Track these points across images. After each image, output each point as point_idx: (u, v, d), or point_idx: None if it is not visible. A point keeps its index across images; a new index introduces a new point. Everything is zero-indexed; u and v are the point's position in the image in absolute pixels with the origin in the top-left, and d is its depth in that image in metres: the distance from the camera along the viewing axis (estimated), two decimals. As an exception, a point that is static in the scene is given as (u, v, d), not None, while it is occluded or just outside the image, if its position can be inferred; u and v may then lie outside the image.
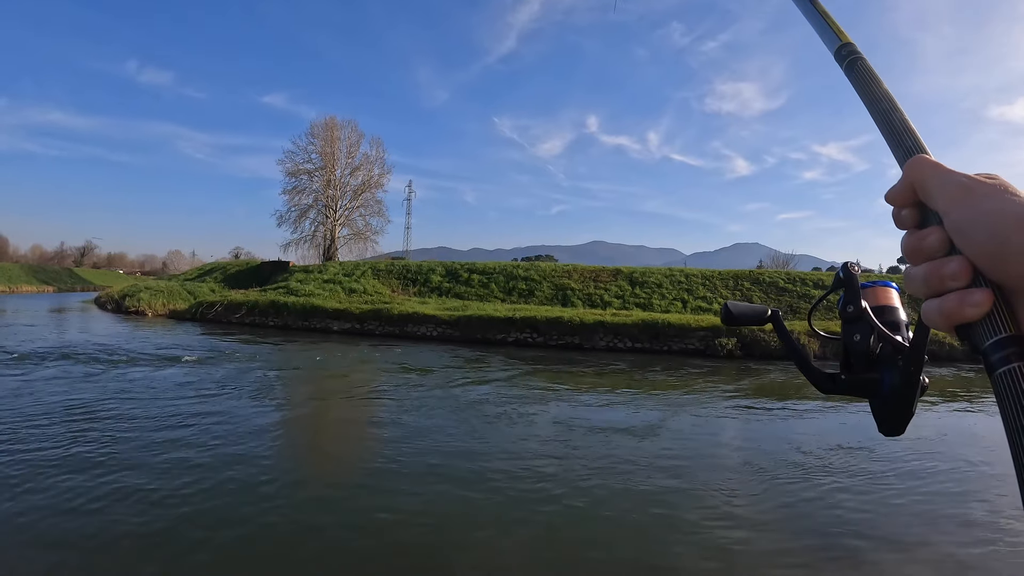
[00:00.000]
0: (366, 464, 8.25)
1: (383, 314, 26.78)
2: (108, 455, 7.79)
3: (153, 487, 6.71)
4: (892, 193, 0.52)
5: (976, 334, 0.44)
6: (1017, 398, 0.40)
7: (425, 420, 10.55)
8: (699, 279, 30.86)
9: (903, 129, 0.56)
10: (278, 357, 18.82)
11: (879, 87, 0.62)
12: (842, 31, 0.71)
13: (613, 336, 22.94)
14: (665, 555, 5.62)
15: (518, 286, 31.93)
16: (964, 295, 0.44)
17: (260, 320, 29.06)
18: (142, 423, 9.56)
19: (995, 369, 0.42)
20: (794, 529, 6.27)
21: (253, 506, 6.35)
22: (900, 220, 0.52)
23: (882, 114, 0.59)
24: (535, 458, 8.37)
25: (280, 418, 10.93)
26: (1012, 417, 0.40)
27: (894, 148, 0.56)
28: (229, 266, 47.12)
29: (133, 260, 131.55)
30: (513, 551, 5.66)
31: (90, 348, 18.32)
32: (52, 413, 9.92)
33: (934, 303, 0.46)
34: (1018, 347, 0.42)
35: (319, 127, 49.70)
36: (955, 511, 6.78)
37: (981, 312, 0.43)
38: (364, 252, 50.29)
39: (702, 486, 7.52)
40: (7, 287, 67.52)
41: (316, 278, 35.08)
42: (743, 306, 0.81)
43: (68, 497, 6.34)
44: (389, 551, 5.54)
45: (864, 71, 0.65)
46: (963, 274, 0.45)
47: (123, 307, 33.88)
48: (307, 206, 49.56)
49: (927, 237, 0.48)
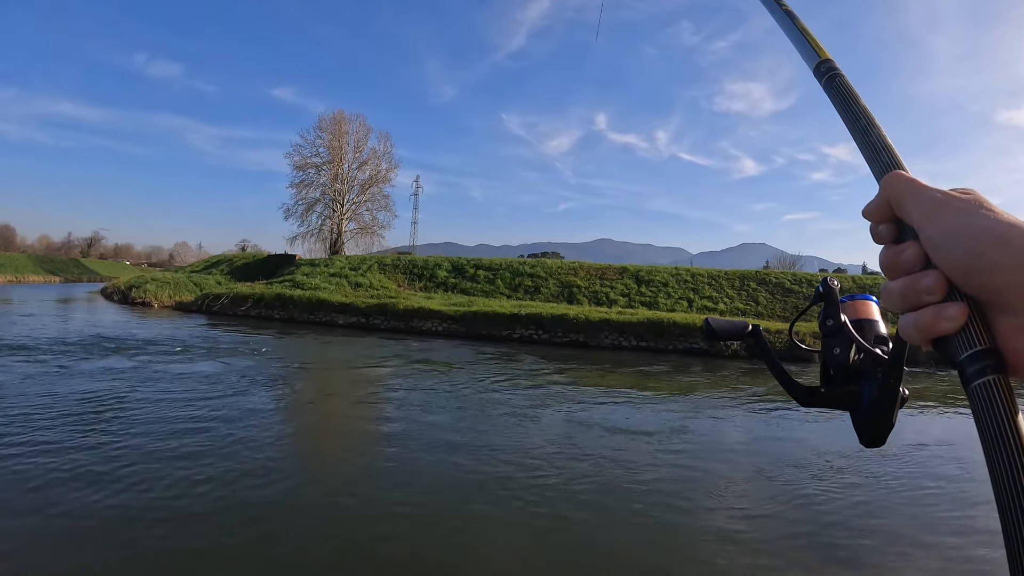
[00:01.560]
0: (366, 462, 8.23)
1: (389, 309, 26.82)
2: (107, 447, 7.82)
3: (151, 481, 6.71)
4: (869, 209, 0.53)
5: (952, 347, 0.45)
6: (992, 410, 0.41)
7: (427, 417, 10.55)
8: (705, 279, 30.79)
9: (880, 145, 0.57)
10: (283, 350, 18.86)
11: (857, 103, 0.63)
12: (821, 48, 0.72)
13: (618, 334, 22.92)
14: (665, 555, 5.61)
15: (524, 283, 31.92)
16: (939, 309, 0.45)
17: (266, 313, 29.13)
18: (144, 416, 9.59)
19: (971, 381, 0.43)
20: (795, 531, 6.23)
21: (250, 503, 6.35)
22: (877, 235, 0.52)
23: (860, 131, 0.60)
24: (537, 458, 8.36)
25: (281, 413, 10.97)
26: (987, 429, 0.41)
27: (871, 164, 0.56)
28: (235, 259, 47.25)
29: (140, 251, 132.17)
30: (512, 552, 5.66)
31: (95, 338, 18.41)
32: (53, 404, 9.97)
33: (910, 317, 0.47)
34: (993, 359, 0.43)
35: (327, 121, 49.82)
36: (956, 514, 6.75)
37: (956, 326, 0.44)
38: (371, 246, 50.43)
39: (703, 487, 7.51)
40: (14, 277, 67.91)
41: (322, 272, 35.18)
42: (724, 322, 0.82)
43: (67, 489, 6.35)
44: (388, 552, 5.53)
45: (843, 87, 0.66)
46: (938, 288, 0.45)
47: (129, 298, 34.02)
48: (314, 200, 49.70)
49: (903, 252, 0.49)
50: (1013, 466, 0.39)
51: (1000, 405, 0.41)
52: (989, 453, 0.40)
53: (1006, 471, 0.39)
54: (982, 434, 0.41)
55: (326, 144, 49.13)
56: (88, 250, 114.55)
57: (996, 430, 0.40)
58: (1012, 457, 0.39)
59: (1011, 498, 0.38)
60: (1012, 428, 0.40)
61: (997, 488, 0.39)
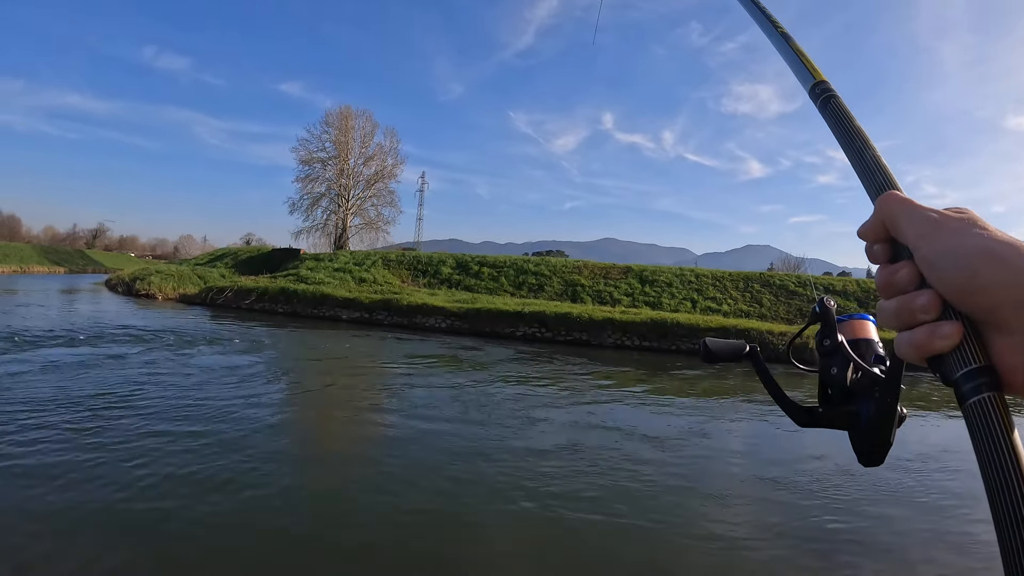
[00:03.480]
0: (366, 460, 8.23)
1: (392, 304, 26.80)
2: (103, 439, 7.81)
3: (148, 476, 6.70)
4: (864, 229, 0.53)
5: (947, 366, 0.45)
6: (988, 427, 0.41)
7: (429, 414, 10.52)
8: (709, 279, 30.69)
9: (875, 166, 0.57)
10: (286, 344, 18.88)
11: (852, 124, 0.64)
12: (816, 69, 0.73)
13: (622, 334, 22.88)
14: (663, 560, 5.57)
15: (528, 280, 31.88)
16: (934, 328, 0.45)
17: (269, 307, 29.13)
18: (144, 407, 9.59)
19: (966, 399, 0.43)
20: (794, 540, 6.17)
21: (250, 503, 6.34)
22: (872, 255, 0.53)
23: (855, 152, 0.60)
24: (538, 457, 8.34)
25: (282, 408, 10.97)
26: (983, 446, 0.41)
27: (866, 184, 0.57)
28: (240, 252, 47.30)
29: (145, 243, 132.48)
30: (513, 553, 5.64)
31: (98, 329, 18.43)
32: (54, 396, 9.98)
33: (905, 336, 0.48)
34: (988, 377, 0.43)
35: (334, 116, 49.88)
36: (958, 528, 6.67)
37: (951, 344, 0.44)
38: (375, 242, 50.52)
39: (703, 491, 7.47)
40: (19, 267, 68.09)
41: (327, 266, 35.17)
42: (721, 343, 0.84)
43: (65, 482, 6.34)
44: (388, 552, 5.51)
45: (838, 109, 0.66)
46: (933, 307, 0.46)
47: (133, 290, 34.06)
48: (320, 194, 49.76)
49: (898, 272, 0.49)
50: (1009, 483, 0.39)
51: (996, 423, 0.41)
52: (985, 470, 0.41)
53: (1002, 488, 0.39)
54: (978, 451, 0.41)
55: (332, 139, 49.22)
56: (93, 241, 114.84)
57: (992, 448, 0.41)
58: (1008, 474, 0.39)
59: (1007, 515, 0.38)
60: (1008, 445, 0.40)
61: (993, 505, 0.39)
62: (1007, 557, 0.37)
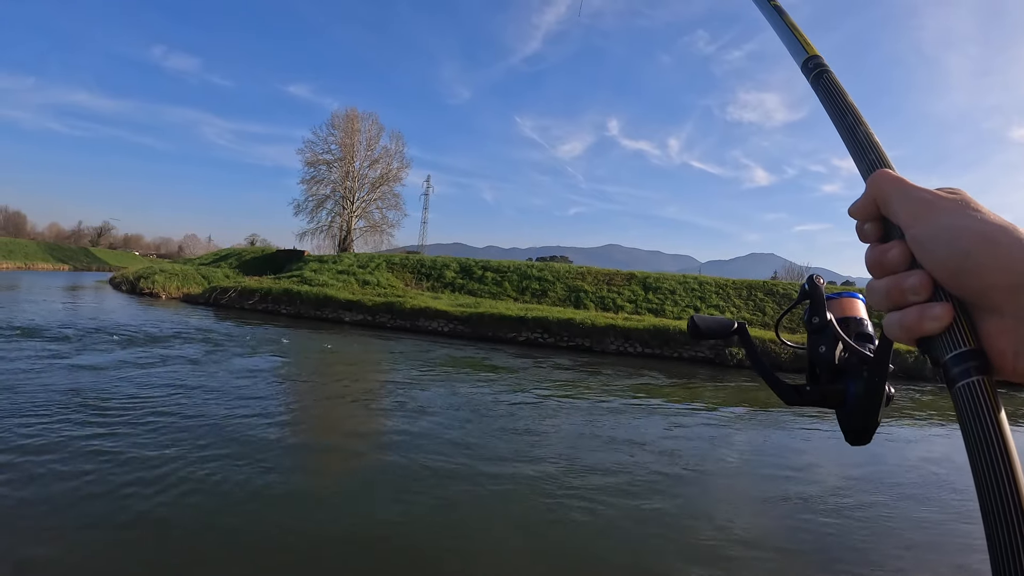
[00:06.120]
0: (366, 461, 8.21)
1: (395, 307, 26.82)
2: (102, 438, 7.84)
3: (146, 476, 6.71)
4: (855, 207, 0.52)
5: (936, 347, 0.45)
6: (976, 411, 0.41)
7: (428, 418, 10.51)
8: (713, 287, 30.64)
9: (867, 143, 0.56)
10: (288, 345, 18.89)
11: (844, 100, 0.63)
12: (809, 43, 0.71)
13: (624, 340, 22.84)
14: (661, 569, 5.55)
15: (531, 286, 31.87)
16: (924, 309, 0.45)
17: (273, 307, 29.21)
18: (144, 407, 9.61)
19: (955, 382, 0.43)
20: (793, 548, 6.15)
21: (249, 502, 6.34)
22: (863, 234, 0.52)
23: (847, 128, 0.59)
24: (536, 461, 8.33)
25: (283, 408, 10.99)
26: (971, 430, 0.41)
27: (858, 162, 0.56)
28: (244, 252, 47.44)
29: (149, 242, 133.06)
30: (512, 554, 5.62)
31: (100, 327, 18.49)
32: (54, 394, 10.02)
33: (895, 316, 0.47)
34: (977, 360, 0.43)
35: (340, 118, 49.92)
36: (958, 527, 6.70)
37: (941, 326, 0.44)
38: (379, 245, 50.52)
39: (702, 497, 7.46)
40: (23, 264, 68.41)
41: (330, 268, 35.24)
42: (709, 319, 0.81)
43: (65, 481, 6.36)
44: (386, 552, 5.51)
45: (830, 84, 0.65)
46: (924, 288, 0.45)
47: (137, 288, 34.20)
48: (324, 196, 49.81)
49: (889, 251, 0.48)
50: (996, 467, 0.39)
51: (984, 406, 0.41)
52: (973, 454, 0.40)
53: (989, 472, 0.39)
54: (966, 435, 0.41)
55: (338, 141, 49.29)
56: (98, 239, 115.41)
57: (980, 431, 0.40)
58: (995, 458, 0.39)
59: (994, 499, 0.38)
60: (996, 429, 0.40)
61: (980, 489, 0.39)
62: (992, 540, 0.37)
